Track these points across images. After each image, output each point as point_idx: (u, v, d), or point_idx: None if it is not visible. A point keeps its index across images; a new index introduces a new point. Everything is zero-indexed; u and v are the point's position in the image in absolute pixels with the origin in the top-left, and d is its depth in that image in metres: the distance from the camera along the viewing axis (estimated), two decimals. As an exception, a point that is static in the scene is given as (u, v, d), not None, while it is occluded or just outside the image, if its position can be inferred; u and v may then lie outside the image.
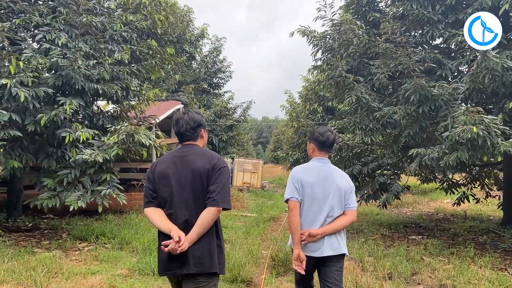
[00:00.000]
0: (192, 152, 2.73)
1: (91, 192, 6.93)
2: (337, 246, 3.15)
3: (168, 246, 2.48)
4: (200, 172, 2.63)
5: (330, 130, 3.35)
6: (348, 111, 8.12)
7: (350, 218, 3.20)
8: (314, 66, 8.82)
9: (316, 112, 17.23)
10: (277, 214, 10.66)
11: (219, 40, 19.17)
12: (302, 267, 3.06)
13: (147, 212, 2.69)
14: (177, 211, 2.62)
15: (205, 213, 2.57)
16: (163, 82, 17.00)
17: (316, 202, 3.13)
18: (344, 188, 3.17)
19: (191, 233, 2.54)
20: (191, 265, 2.56)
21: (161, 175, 2.69)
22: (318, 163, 3.26)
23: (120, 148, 6.69)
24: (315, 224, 3.11)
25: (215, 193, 2.60)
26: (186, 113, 2.84)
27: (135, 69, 7.77)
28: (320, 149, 3.27)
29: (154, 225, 2.66)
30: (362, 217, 10.59)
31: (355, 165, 8.57)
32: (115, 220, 9.27)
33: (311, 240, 3.09)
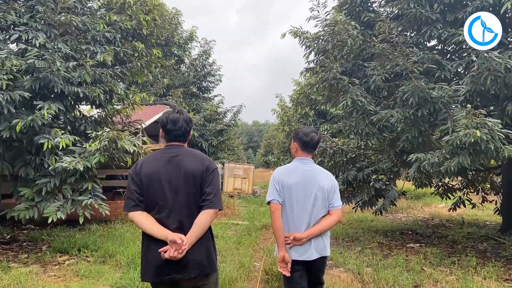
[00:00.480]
0: (181, 153, 2.66)
1: (72, 202, 6.52)
2: (323, 249, 3.15)
3: (167, 252, 2.42)
4: (194, 174, 2.58)
5: (314, 131, 3.31)
6: (342, 115, 7.80)
7: (335, 218, 3.15)
8: (307, 69, 8.50)
9: (308, 116, 16.93)
10: (269, 221, 10.28)
11: (208, 43, 18.81)
12: (288, 269, 3.02)
13: (134, 216, 2.56)
14: (170, 215, 2.54)
15: (203, 216, 2.54)
16: (151, 86, 16.58)
17: (299, 204, 3.08)
18: (327, 187, 3.13)
19: (190, 236, 2.49)
20: (191, 269, 2.52)
21: (149, 177, 2.58)
22: (300, 163, 3.21)
23: (103, 155, 6.28)
24: (300, 227, 3.06)
25: (212, 195, 2.58)
26: (181, 113, 2.76)
27: (119, 71, 7.38)
28: (303, 149, 3.22)
29: (145, 230, 2.53)
30: (357, 224, 10.28)
31: (350, 171, 8.26)
32: (99, 230, 8.82)
33: (296, 244, 3.04)
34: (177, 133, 2.69)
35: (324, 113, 16.70)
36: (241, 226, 9.35)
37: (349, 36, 7.16)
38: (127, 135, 6.43)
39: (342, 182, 8.20)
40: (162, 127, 2.76)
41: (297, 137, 3.30)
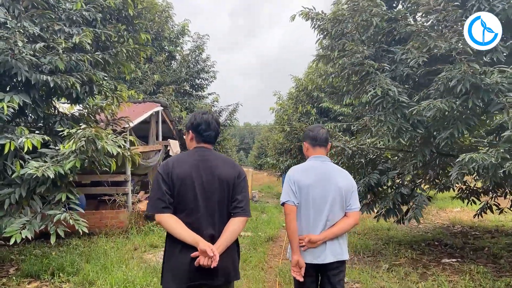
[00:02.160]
0: (213, 156, 2.65)
1: (41, 217, 5.28)
2: (339, 252, 3.00)
3: (200, 260, 2.38)
4: (227, 180, 2.56)
5: (321, 126, 3.22)
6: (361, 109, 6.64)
7: (352, 221, 3.03)
8: (320, 56, 7.34)
9: (310, 114, 15.76)
10: (275, 232, 9.10)
11: (202, 38, 17.55)
12: (301, 274, 2.90)
13: (163, 218, 2.47)
14: (201, 220, 2.50)
15: (235, 223, 2.54)
16: (140, 83, 15.29)
17: (315, 205, 2.96)
18: (345, 188, 3.00)
19: (221, 243, 2.47)
20: (220, 276, 2.49)
21: (182, 178, 2.51)
22: (315, 161, 3.07)
23: (79, 159, 5.05)
24: (315, 229, 2.96)
25: (243, 202, 2.58)
26: (211, 114, 2.73)
27: (101, 58, 6.13)
28: (313, 145, 3.12)
29: (174, 234, 2.44)
30: (373, 234, 9.14)
31: (372, 174, 7.09)
32: (80, 246, 7.56)
33: (311, 247, 2.93)
34: (210, 134, 2.66)
35: (326, 110, 15.57)
36: (245, 239, 8.14)
37: (375, 14, 6.02)
38: (109, 134, 5.20)
39: (364, 187, 7.03)
40: (193, 128, 2.68)
41: (305, 136, 3.23)
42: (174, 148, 12.69)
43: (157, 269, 6.03)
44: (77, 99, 6.25)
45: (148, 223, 9.03)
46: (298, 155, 16.65)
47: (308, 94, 16.25)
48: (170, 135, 13.89)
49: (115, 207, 9.23)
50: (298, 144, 15.43)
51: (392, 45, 6.67)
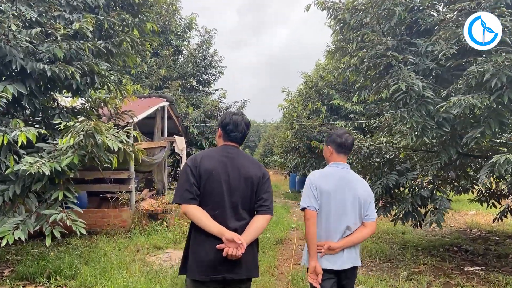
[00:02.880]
0: (240, 155, 2.71)
1: (37, 216, 4.90)
2: (356, 258, 3.07)
3: (226, 250, 2.42)
4: (253, 179, 2.64)
5: (348, 132, 3.19)
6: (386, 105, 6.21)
7: (370, 231, 3.07)
8: (336, 48, 6.90)
9: (320, 111, 15.28)
10: (284, 234, 8.68)
11: (209, 32, 17.12)
12: (318, 281, 2.91)
13: (190, 209, 2.53)
14: (224, 214, 2.56)
15: (260, 220, 2.60)
16: (146, 77, 14.90)
17: (336, 213, 2.97)
18: (364, 198, 3.01)
19: (248, 234, 2.53)
20: (243, 270, 2.55)
21: (209, 172, 2.57)
22: (337, 168, 3.08)
23: (77, 155, 4.66)
24: (334, 236, 2.96)
25: (268, 201, 2.66)
26: (241, 115, 2.77)
27: (103, 47, 5.74)
28: (338, 152, 3.10)
29: (200, 224, 2.51)
30: (387, 237, 8.70)
31: (390, 175, 6.65)
32: (80, 246, 7.19)
33: (329, 253, 2.95)
34: (237, 135, 2.72)
35: (337, 108, 15.08)
36: (253, 241, 7.70)
37: (397, 4, 5.58)
38: (110, 128, 4.80)
39: (381, 189, 6.59)
40: (222, 127, 2.75)
41: (330, 139, 3.15)
42: (179, 145, 12.31)
43: (160, 274, 5.64)
44: (78, 91, 5.86)
45: (152, 222, 8.64)
46: (306, 153, 16.21)
47: (318, 91, 15.77)
48: (176, 131, 13.51)
49: (118, 205, 8.86)
50: (308, 142, 14.97)
51: (414, 37, 6.22)
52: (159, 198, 10.70)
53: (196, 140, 15.46)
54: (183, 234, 8.10)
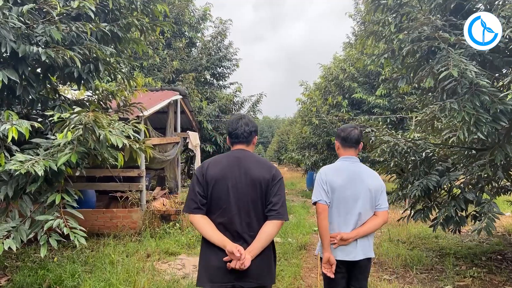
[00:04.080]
0: (248, 157, 2.67)
1: (31, 222, 4.27)
2: (368, 250, 3.13)
3: (232, 263, 2.43)
4: (261, 182, 2.56)
5: (353, 126, 3.26)
6: (430, 95, 5.43)
7: (382, 220, 3.13)
8: (370, 32, 6.12)
9: (341, 106, 14.47)
10: (307, 238, 7.96)
11: (224, 23, 16.38)
12: (332, 271, 2.99)
13: (195, 219, 2.59)
14: (232, 220, 2.54)
15: (269, 226, 2.53)
16: (158, 70, 14.27)
17: (347, 205, 3.05)
18: (374, 188, 3.09)
19: (255, 246, 2.49)
20: (253, 278, 2.51)
21: (215, 179, 2.58)
22: (346, 162, 3.16)
23: (76, 152, 4.01)
24: (346, 227, 3.05)
25: (279, 205, 2.54)
26: (244, 116, 2.80)
27: (108, 30, 5.08)
28: (343, 146, 3.20)
29: (204, 235, 2.56)
30: (420, 243, 7.92)
31: (430, 175, 5.89)
32: (85, 251, 6.60)
33: (342, 244, 3.03)
34: (237, 134, 2.70)
35: (359, 102, 14.26)
36: (274, 247, 7.00)
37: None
38: (113, 121, 4.14)
39: (420, 191, 5.83)
40: (227, 133, 2.79)
41: (336, 134, 3.30)
42: (193, 141, 11.66)
43: (172, 286, 5.00)
44: (80, 80, 5.21)
45: (164, 224, 8.02)
46: (324, 150, 15.44)
47: (338, 84, 14.95)
48: (190, 126, 12.87)
49: (128, 205, 8.26)
50: (328, 138, 14.21)
51: (461, 19, 5.43)
52: (172, 197, 10.08)
53: (210, 136, 14.80)
54: (197, 237, 7.45)
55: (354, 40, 16.72)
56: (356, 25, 16.93)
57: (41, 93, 5.28)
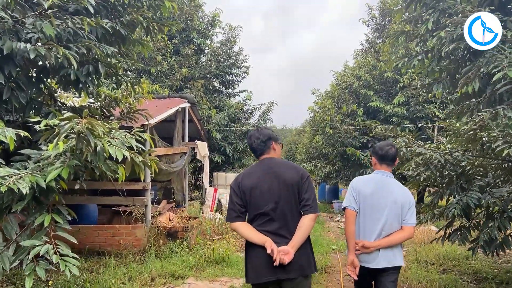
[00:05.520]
0: (276, 163, 2.92)
1: (16, 248, 3.66)
2: (393, 259, 3.21)
3: (276, 259, 2.62)
4: (291, 183, 2.80)
5: (391, 144, 3.44)
6: (473, 102, 4.78)
7: (407, 235, 3.23)
8: (400, 32, 5.49)
9: (356, 114, 13.80)
10: (326, 259, 7.26)
11: (234, 29, 15.85)
12: (356, 273, 3.16)
13: (237, 226, 2.87)
14: (272, 221, 2.78)
15: (306, 221, 2.77)
16: (166, 77, 13.73)
17: (373, 213, 3.20)
18: (402, 202, 3.21)
19: (296, 241, 2.73)
20: (294, 270, 2.72)
21: (251, 189, 2.83)
22: (378, 175, 3.35)
23: (69, 166, 3.40)
24: (370, 235, 3.19)
25: (311, 200, 2.81)
26: (256, 130, 3.05)
27: (109, 26, 4.51)
28: (380, 162, 3.37)
29: (247, 238, 2.84)
30: (451, 265, 7.18)
31: (470, 192, 5.21)
32: (84, 273, 5.97)
33: (364, 251, 3.16)
34: (253, 148, 2.98)
35: (375, 111, 13.59)
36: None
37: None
38: (113, 129, 3.54)
39: (460, 210, 5.15)
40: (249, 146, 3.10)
41: (374, 151, 3.46)
42: (202, 151, 11.06)
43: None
44: (78, 83, 4.62)
45: (170, 242, 7.37)
46: (338, 161, 14.74)
47: (353, 92, 14.31)
48: (198, 135, 12.28)
49: (131, 221, 7.64)
50: (342, 149, 13.53)
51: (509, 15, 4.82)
52: (179, 211, 9.45)
53: (219, 146, 14.18)
54: (206, 258, 6.80)
55: (368, 47, 16.12)
56: (370, 32, 16.35)
57: (35, 98, 4.69)
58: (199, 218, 8.92)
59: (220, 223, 9.42)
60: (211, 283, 5.92)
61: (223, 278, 6.15)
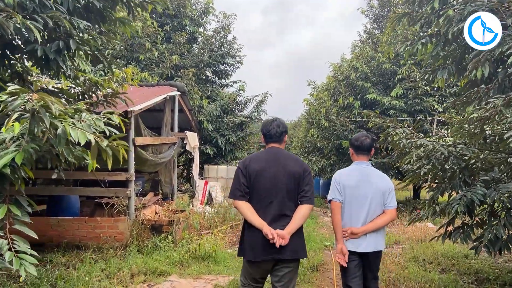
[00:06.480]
0: (282, 154, 3.21)
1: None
2: (377, 242, 3.51)
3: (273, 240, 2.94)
4: (295, 175, 3.10)
5: (365, 135, 3.69)
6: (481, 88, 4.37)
7: (389, 217, 3.53)
8: (402, 14, 5.07)
9: (352, 107, 13.39)
10: (319, 256, 6.89)
11: (228, 17, 15.34)
12: (345, 260, 3.42)
13: (239, 204, 3.12)
14: (272, 205, 3.06)
15: (303, 209, 3.10)
16: (156, 65, 13.24)
17: (357, 203, 3.47)
18: (383, 189, 3.51)
19: (292, 225, 3.04)
20: (288, 252, 3.02)
21: (257, 173, 3.09)
22: (358, 166, 3.61)
23: (24, 150, 2.97)
24: (357, 223, 3.46)
25: (310, 192, 3.14)
26: (276, 119, 3.31)
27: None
28: (357, 153, 3.64)
29: (246, 218, 3.09)
30: (450, 264, 6.83)
31: (474, 187, 4.82)
32: (60, 268, 5.55)
33: (352, 237, 3.44)
34: (270, 135, 3.22)
35: (372, 103, 13.17)
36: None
37: None
38: (80, 110, 3.10)
39: (463, 207, 4.76)
40: (262, 133, 3.34)
41: (350, 143, 3.76)
42: (192, 142, 10.63)
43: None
44: (47, 61, 4.17)
45: (154, 236, 6.96)
46: (333, 155, 14.34)
47: (350, 84, 13.89)
48: (188, 126, 11.83)
49: (114, 214, 7.22)
50: (338, 142, 13.14)
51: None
52: (166, 204, 9.03)
53: (210, 137, 13.74)
54: (191, 253, 6.41)
55: (366, 38, 15.69)
56: (369, 22, 15.92)
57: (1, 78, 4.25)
58: (186, 212, 8.50)
59: (210, 217, 9.02)
60: (195, 281, 5.53)
61: (209, 275, 5.75)
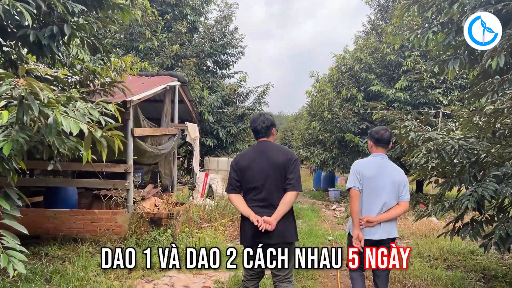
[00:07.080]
0: (269, 147, 3.47)
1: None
2: (391, 231, 3.72)
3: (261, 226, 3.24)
4: (280, 165, 3.36)
5: (385, 129, 3.87)
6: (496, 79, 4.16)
7: (403, 208, 3.73)
8: (414, 1, 4.84)
9: (356, 99, 13.17)
10: (322, 252, 6.71)
11: (230, 7, 15.07)
12: (361, 245, 3.60)
13: (232, 197, 3.49)
14: (261, 195, 3.36)
15: (288, 196, 3.32)
16: (156, 55, 13.00)
17: (374, 193, 3.66)
18: (398, 181, 3.69)
19: (278, 214, 3.28)
20: (277, 236, 3.29)
21: (245, 168, 3.42)
22: (376, 158, 3.79)
23: (13, 140, 2.79)
24: (372, 212, 3.66)
25: (294, 180, 3.34)
26: (261, 115, 3.58)
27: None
28: (376, 145, 3.81)
29: (237, 209, 3.46)
30: (456, 260, 6.67)
31: (485, 183, 4.64)
32: (56, 262, 5.40)
33: (368, 226, 3.64)
34: (257, 130, 3.47)
35: (376, 95, 12.95)
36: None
37: None
38: (73, 98, 2.91)
39: (474, 203, 4.58)
40: (251, 128, 3.60)
41: (370, 135, 3.91)
42: (192, 133, 10.44)
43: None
44: (40, 47, 3.96)
45: (153, 229, 6.80)
46: (335, 148, 14.13)
47: (353, 75, 13.66)
48: (189, 117, 11.63)
49: (112, 206, 7.06)
50: (341, 135, 12.94)
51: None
52: (166, 196, 8.87)
53: (211, 129, 13.53)
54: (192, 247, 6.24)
55: (370, 28, 15.41)
56: (373, 13, 15.64)
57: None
58: (186, 204, 8.34)
59: (210, 210, 8.86)
60: (195, 277, 5.37)
61: (209, 271, 5.59)
